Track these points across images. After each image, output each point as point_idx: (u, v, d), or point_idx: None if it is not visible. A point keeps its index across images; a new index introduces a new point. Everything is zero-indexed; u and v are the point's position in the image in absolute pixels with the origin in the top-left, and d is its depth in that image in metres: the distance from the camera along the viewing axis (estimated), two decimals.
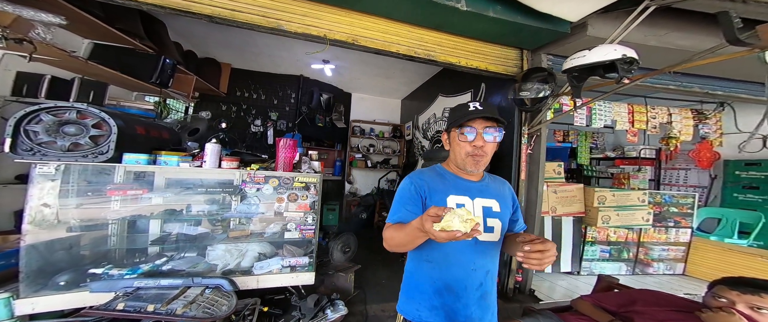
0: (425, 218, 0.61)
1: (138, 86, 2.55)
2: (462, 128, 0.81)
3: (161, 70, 2.41)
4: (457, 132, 0.82)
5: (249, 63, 3.87)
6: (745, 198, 3.18)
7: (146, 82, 2.36)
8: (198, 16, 1.58)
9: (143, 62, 2.32)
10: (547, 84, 1.85)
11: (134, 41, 2.23)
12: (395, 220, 0.82)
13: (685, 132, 2.76)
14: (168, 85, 2.58)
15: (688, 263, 2.96)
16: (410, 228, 0.70)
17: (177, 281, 1.37)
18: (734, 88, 2.30)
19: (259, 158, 2.24)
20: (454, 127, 0.83)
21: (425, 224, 0.61)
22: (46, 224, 1.37)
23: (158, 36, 2.50)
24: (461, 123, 0.80)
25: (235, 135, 3.77)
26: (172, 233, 1.74)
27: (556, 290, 2.49)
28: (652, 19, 1.50)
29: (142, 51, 2.34)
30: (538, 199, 2.23)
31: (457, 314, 0.81)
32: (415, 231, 0.68)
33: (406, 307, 0.87)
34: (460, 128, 0.81)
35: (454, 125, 0.83)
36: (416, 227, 0.66)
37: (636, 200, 2.81)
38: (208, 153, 1.69)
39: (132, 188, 1.64)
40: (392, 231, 0.79)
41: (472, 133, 0.80)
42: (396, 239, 0.77)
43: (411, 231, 0.70)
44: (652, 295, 1.18)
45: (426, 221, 0.60)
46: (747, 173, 3.17)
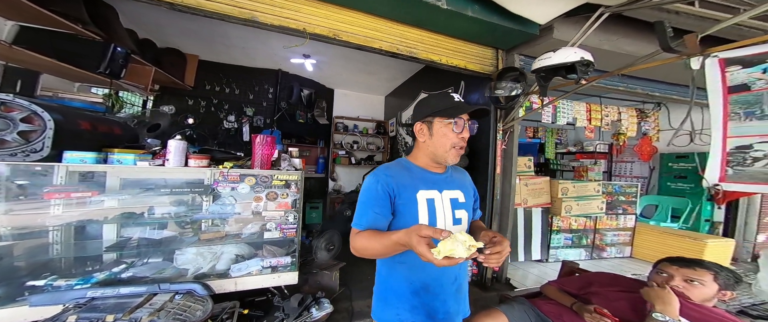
0: (418, 241, 0.57)
1: (82, 77, 2.25)
2: (452, 119, 0.77)
3: (111, 59, 2.14)
4: (444, 122, 0.78)
5: (220, 55, 3.62)
6: (676, 186, 3.72)
7: (92, 72, 2.09)
8: (157, 2, 1.44)
9: (88, 50, 2.05)
10: (519, 83, 1.99)
11: (75, 26, 1.94)
12: (365, 225, 0.76)
13: (631, 129, 3.15)
14: (120, 76, 2.31)
15: (633, 246, 3.35)
16: (390, 243, 0.65)
17: (140, 289, 1.22)
18: (668, 90, 2.69)
19: (233, 156, 2.10)
20: (440, 117, 0.79)
21: (419, 247, 0.57)
22: None
23: (106, 22, 2.21)
24: (453, 114, 0.77)
25: (206, 131, 3.50)
26: (132, 237, 1.55)
27: (528, 277, 2.68)
28: (606, 26, 1.70)
29: (86, 37, 2.06)
30: (511, 191, 2.39)
31: (436, 312, 0.80)
32: (396, 246, 0.64)
33: (383, 314, 0.83)
34: (450, 119, 0.78)
35: (443, 115, 0.78)
36: (400, 243, 0.63)
37: (592, 191, 3.14)
38: (171, 150, 1.54)
39: (77, 191, 1.43)
40: (364, 241, 0.73)
41: (461, 127, 0.78)
42: (369, 250, 0.72)
43: (391, 246, 0.66)
44: (605, 276, 1.32)
45: (419, 244, 0.57)
46: (678, 165, 3.71)
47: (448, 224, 0.81)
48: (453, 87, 2.91)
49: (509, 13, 1.76)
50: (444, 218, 0.81)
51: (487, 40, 2.18)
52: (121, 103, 2.79)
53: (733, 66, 1.15)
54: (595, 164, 3.80)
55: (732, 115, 1.16)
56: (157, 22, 2.76)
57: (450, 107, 0.78)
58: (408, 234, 0.60)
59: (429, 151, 0.83)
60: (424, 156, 0.85)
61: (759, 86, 1.10)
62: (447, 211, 0.81)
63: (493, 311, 1.25)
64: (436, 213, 0.80)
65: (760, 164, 1.09)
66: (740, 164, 1.14)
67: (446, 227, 0.80)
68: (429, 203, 0.80)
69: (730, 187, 1.16)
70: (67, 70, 2.01)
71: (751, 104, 1.12)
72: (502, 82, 2.02)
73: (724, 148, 1.18)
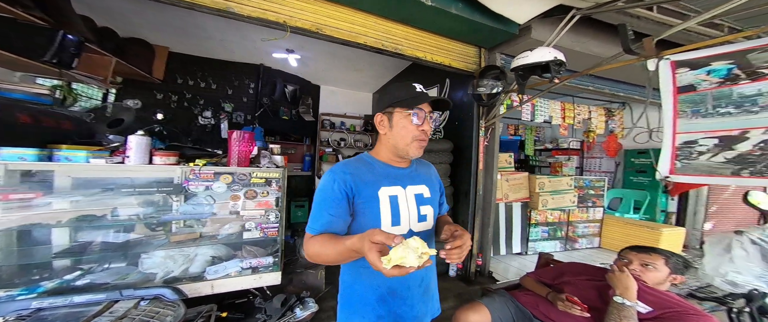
0: (369, 247, 0.53)
1: (24, 65, 2.00)
2: (411, 110, 0.73)
3: (60, 47, 1.93)
4: (404, 113, 0.74)
5: (194, 48, 3.39)
6: (638, 180, 4.06)
7: (36, 60, 1.87)
8: None
9: (31, 36, 1.84)
10: (500, 81, 2.06)
11: (14, 9, 1.73)
12: (319, 229, 0.70)
13: (600, 127, 3.39)
14: (71, 66, 2.08)
15: (602, 237, 3.60)
16: (344, 249, 0.61)
17: (98, 296, 1.09)
18: (630, 91, 2.93)
19: (207, 153, 1.97)
20: (401, 108, 0.74)
21: (369, 254, 0.53)
22: None
23: (55, 7, 1.98)
24: (413, 105, 0.73)
25: (178, 128, 3.26)
26: (92, 242, 1.39)
27: (509, 269, 2.78)
28: (578, 28, 1.81)
29: (28, 22, 1.83)
30: (493, 187, 2.46)
31: (403, 318, 0.76)
32: (350, 253, 0.60)
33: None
34: (409, 110, 0.73)
35: (402, 106, 0.74)
36: (353, 249, 0.58)
37: (565, 185, 3.33)
38: (132, 147, 1.42)
39: (16, 191, 1.26)
40: (317, 246, 0.67)
41: (422, 118, 0.74)
42: (323, 256, 0.67)
43: (345, 252, 0.61)
44: (576, 266, 1.40)
45: (370, 251, 0.53)
46: (638, 160, 4.05)
47: (413, 221, 0.77)
48: (439, 85, 2.95)
49: (491, 12, 1.82)
50: (408, 215, 0.76)
51: (471, 38, 2.23)
52: (74, 96, 2.51)
53: (682, 68, 1.26)
54: (569, 160, 4.05)
55: (681, 113, 1.28)
56: (120, 11, 2.54)
57: (410, 98, 0.73)
58: (361, 240, 0.56)
59: (390, 144, 0.78)
60: (385, 150, 0.80)
61: (703, 87, 1.22)
62: (412, 208, 0.77)
63: (476, 304, 1.28)
64: (400, 211, 0.75)
65: (703, 157, 1.21)
66: (687, 157, 1.25)
67: (411, 225, 0.77)
68: (392, 201, 0.75)
69: (678, 179, 1.27)
70: (5, 57, 1.77)
71: (696, 103, 1.23)
72: (484, 80, 2.08)
73: (674, 143, 1.29)
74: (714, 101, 1.19)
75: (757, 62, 1.09)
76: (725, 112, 1.17)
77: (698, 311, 1.00)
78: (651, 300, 1.01)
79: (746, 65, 1.12)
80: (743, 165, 1.11)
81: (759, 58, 1.09)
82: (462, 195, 2.56)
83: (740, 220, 3.54)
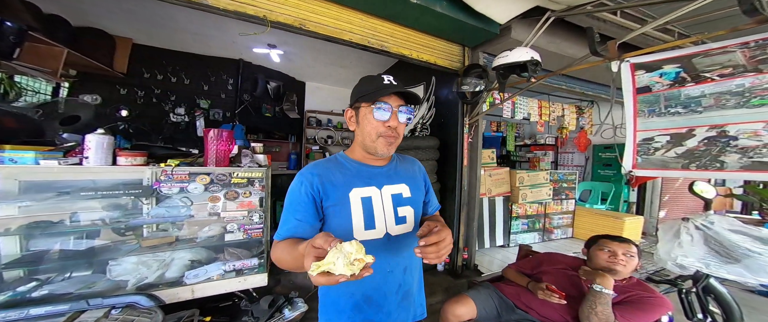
0: (308, 251, 0.49)
1: None
2: (375, 104, 0.68)
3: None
4: (369, 108, 0.69)
5: (163, 40, 3.15)
6: (604, 173, 4.40)
7: None
8: None
9: None
10: (483, 79, 2.13)
11: None
12: (284, 234, 0.65)
13: (572, 123, 3.63)
14: (12, 57, 1.86)
15: (574, 227, 3.86)
16: (297, 255, 0.55)
17: (60, 307, 0.98)
18: (598, 90, 3.17)
19: (179, 152, 1.84)
20: (366, 103, 0.69)
21: (306, 259, 0.48)
22: None
23: None
24: (375, 98, 0.68)
25: (147, 126, 3.01)
26: (48, 250, 1.25)
27: (493, 262, 2.89)
28: (553, 30, 1.92)
29: None
30: (477, 182, 2.55)
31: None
32: (302, 259, 0.52)
33: None
34: (373, 103, 0.68)
35: (366, 100, 0.69)
36: (303, 254, 0.52)
37: (542, 179, 3.53)
38: (91, 147, 1.30)
39: None
40: (279, 252, 0.63)
41: (387, 112, 0.68)
42: (284, 263, 0.62)
43: (299, 258, 0.54)
44: (552, 256, 1.48)
45: (307, 256, 0.48)
46: (605, 154, 4.39)
47: (390, 224, 0.72)
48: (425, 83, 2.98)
49: (474, 11, 1.87)
50: (384, 218, 0.71)
51: (455, 36, 2.29)
52: (17, 90, 2.24)
53: (640, 70, 1.38)
54: (545, 155, 4.28)
55: (640, 112, 1.39)
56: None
57: (374, 90, 0.68)
58: (307, 244, 0.52)
59: (359, 140, 0.74)
60: (359, 147, 0.75)
61: (657, 88, 1.33)
62: (388, 209, 0.72)
63: (462, 297, 1.33)
64: (374, 213, 0.70)
65: (659, 153, 1.32)
66: (646, 153, 1.36)
67: (388, 228, 0.72)
68: (364, 203, 0.70)
69: (639, 172, 1.38)
70: None
71: (652, 103, 1.35)
72: (468, 78, 2.14)
73: (635, 140, 1.40)
74: (666, 102, 1.31)
75: (700, 66, 1.21)
76: (675, 111, 1.28)
77: (653, 292, 1.11)
78: (616, 287, 1.12)
79: (691, 69, 1.23)
80: (691, 159, 1.23)
81: (702, 63, 1.21)
82: (448, 191, 2.62)
83: (690, 208, 3.96)
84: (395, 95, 0.70)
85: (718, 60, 1.17)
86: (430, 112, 2.88)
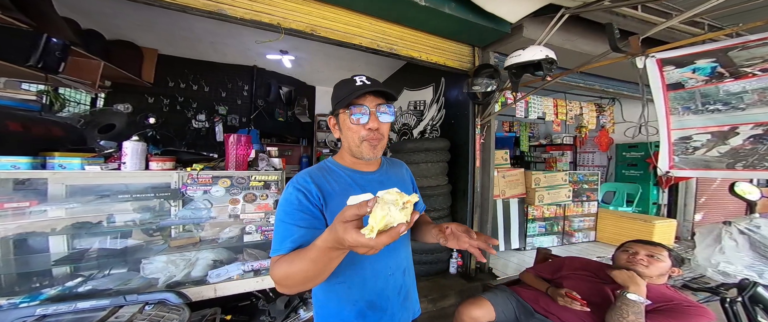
0: (344, 228, 0.43)
1: (8, 71, 1.97)
2: (351, 108, 0.65)
3: (44, 51, 1.90)
4: (346, 113, 0.66)
5: (184, 50, 3.35)
6: (629, 174, 4.15)
7: (21, 65, 1.84)
8: None
9: (13, 40, 1.81)
10: (494, 79, 2.09)
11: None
12: (290, 246, 0.58)
13: (591, 122, 3.47)
14: (58, 71, 2.05)
15: (597, 230, 3.68)
16: (317, 252, 0.49)
17: (102, 302, 1.09)
18: (620, 87, 3.00)
19: (204, 157, 1.96)
20: (343, 108, 0.67)
21: (347, 236, 0.42)
22: None
23: (37, 9, 1.94)
24: (350, 101, 0.65)
25: (172, 132, 3.22)
26: (89, 248, 1.38)
27: (509, 265, 2.83)
28: (567, 27, 1.85)
29: (10, 25, 1.79)
30: (490, 184, 2.50)
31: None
32: (326, 253, 0.48)
33: None
34: (348, 108, 0.65)
35: (342, 105, 0.66)
36: (328, 246, 0.47)
37: (560, 180, 3.40)
38: (127, 153, 1.41)
39: (11, 200, 1.25)
40: (286, 266, 0.54)
41: (365, 115, 0.65)
42: (294, 274, 0.53)
43: (320, 256, 0.49)
44: (573, 261, 1.43)
45: (347, 232, 0.42)
46: (629, 154, 4.14)
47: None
48: (434, 85, 2.97)
49: (484, 11, 1.85)
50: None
51: (464, 37, 2.26)
52: (62, 101, 2.47)
53: (669, 66, 1.30)
54: (563, 155, 4.11)
55: (672, 110, 1.31)
56: (102, 12, 2.47)
57: (348, 94, 0.65)
58: (331, 230, 0.46)
59: (345, 146, 0.72)
60: (347, 154, 0.73)
61: (691, 84, 1.25)
62: None
63: (479, 299, 1.31)
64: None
65: (699, 152, 1.24)
66: (684, 152, 1.28)
67: None
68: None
69: (678, 173, 1.30)
70: None
71: (686, 100, 1.26)
72: (479, 78, 2.11)
73: (669, 139, 1.32)
74: (702, 98, 1.22)
75: (738, 60, 1.12)
76: (714, 108, 1.19)
77: (692, 302, 1.02)
78: (649, 294, 1.04)
79: (729, 63, 1.14)
80: (736, 159, 1.14)
81: (740, 56, 1.11)
82: (460, 193, 2.60)
83: (729, 211, 3.64)
84: (371, 95, 0.67)
85: (759, 53, 1.08)
86: (440, 114, 2.86)
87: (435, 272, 2.53)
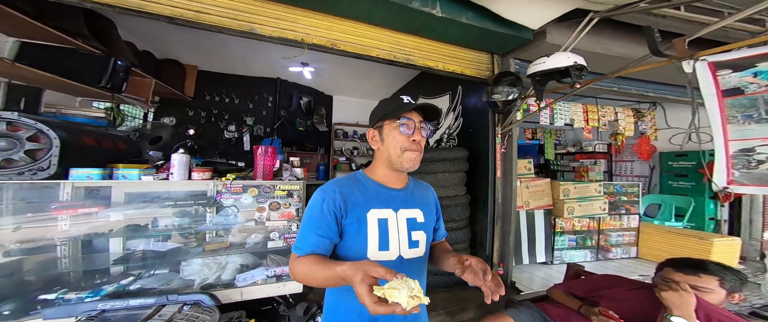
0: (362, 278, 0.50)
1: (83, 91, 2.30)
2: (399, 120, 0.72)
3: (112, 72, 2.18)
4: (393, 125, 0.73)
5: (218, 65, 3.69)
6: (678, 185, 3.71)
7: (94, 86, 2.12)
8: (155, 16, 1.46)
9: (88, 64, 2.08)
10: (515, 87, 2.02)
11: (75, 41, 1.97)
12: (307, 249, 0.68)
13: (628, 128, 3.17)
14: (121, 90, 2.35)
15: (639, 246, 3.32)
16: (333, 275, 0.58)
17: (149, 300, 1.24)
18: (663, 91, 2.72)
19: (235, 167, 2.13)
20: (389, 120, 0.74)
21: (360, 286, 0.49)
22: None
23: (106, 35, 2.25)
24: (398, 115, 0.72)
25: (207, 142, 3.54)
26: (137, 250, 1.57)
27: (534, 280, 2.67)
28: (598, 30, 1.74)
29: (86, 51, 2.09)
30: (512, 194, 2.40)
31: None
32: (340, 281, 0.56)
33: None
34: (397, 120, 0.73)
35: (389, 117, 0.73)
36: (343, 277, 0.55)
37: (594, 191, 3.14)
38: (175, 164, 1.58)
39: (83, 206, 1.46)
40: (305, 268, 0.65)
41: (411, 127, 0.73)
42: (310, 279, 0.65)
43: (334, 278, 0.58)
44: (612, 279, 1.32)
45: (362, 283, 0.49)
46: (677, 163, 3.70)
47: (404, 247, 0.74)
48: (451, 93, 2.94)
49: (502, 19, 1.81)
50: (398, 240, 0.74)
51: (482, 45, 2.22)
52: (122, 117, 2.84)
53: (724, 70, 1.16)
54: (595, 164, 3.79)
55: (730, 118, 1.17)
56: (153, 34, 2.80)
57: (396, 108, 0.73)
58: (354, 268, 0.53)
59: (383, 157, 0.77)
60: (381, 167, 0.78)
61: (752, 90, 1.10)
62: (402, 232, 0.74)
63: (501, 315, 1.26)
64: (389, 235, 0.73)
65: (765, 166, 1.09)
66: (746, 166, 1.13)
67: (401, 251, 0.74)
68: (381, 224, 0.72)
69: (739, 189, 1.15)
70: (68, 85, 2.04)
71: (747, 108, 1.12)
72: (499, 86, 2.06)
73: (727, 151, 1.17)
74: (766, 106, 1.08)
75: None
76: None
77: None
78: (702, 316, 0.92)
79: None
80: None
81: None
82: (480, 203, 2.52)
83: None
84: (415, 112, 0.74)
85: None
86: (456, 123, 2.81)
87: (454, 284, 2.47)
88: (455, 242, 2.39)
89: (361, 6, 1.73)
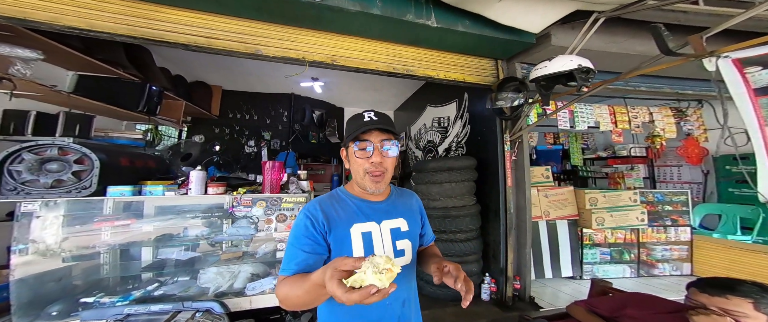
0: (331, 275, 0.48)
1: (126, 116, 2.62)
2: (358, 142, 0.72)
3: (148, 97, 2.45)
4: (353, 147, 0.72)
5: (239, 84, 3.99)
6: (741, 193, 3.14)
7: (133, 111, 2.41)
8: (173, 45, 1.65)
9: (128, 91, 2.36)
10: (520, 93, 1.92)
11: (117, 70, 2.25)
12: (294, 269, 0.65)
13: (668, 130, 2.79)
14: (156, 113, 2.64)
15: (693, 262, 2.88)
16: (310, 285, 0.55)
17: (167, 306, 1.38)
18: (704, 88, 2.36)
19: (247, 181, 2.29)
20: (350, 142, 0.73)
21: (329, 283, 0.47)
22: (34, 259, 1.42)
23: (143, 63, 2.53)
24: (356, 136, 0.71)
25: (230, 157, 3.84)
26: (164, 258, 1.77)
27: (559, 296, 2.45)
28: (610, 28, 1.59)
29: (127, 80, 2.38)
30: (526, 204, 2.25)
31: None
32: (317, 288, 0.53)
33: None
34: (356, 142, 0.72)
35: (350, 139, 0.72)
36: (318, 283, 0.52)
37: (628, 200, 2.80)
38: (192, 180, 1.75)
39: (119, 219, 1.68)
40: (286, 288, 0.62)
41: (370, 148, 0.71)
42: (293, 298, 0.61)
43: (312, 289, 0.54)
44: (643, 298, 1.18)
45: (330, 279, 0.47)
46: (737, 167, 3.16)
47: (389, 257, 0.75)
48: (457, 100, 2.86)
49: (501, 24, 1.74)
50: (383, 251, 0.74)
51: (484, 51, 2.15)
52: (160, 137, 3.22)
53: (753, 67, 1.01)
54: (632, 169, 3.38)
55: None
56: (182, 57, 3.11)
57: (354, 129, 0.72)
58: (323, 269, 0.52)
59: (354, 178, 0.78)
60: (355, 184, 0.79)
61: None
62: (387, 243, 0.75)
63: None
64: (374, 247, 0.74)
65: None
66: None
67: None
68: (365, 238, 0.73)
69: None
70: (115, 111, 2.37)
71: None
72: (502, 93, 1.97)
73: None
74: None
75: None
76: None
77: None
78: None
79: None
80: None
81: None
82: (491, 213, 2.40)
83: None
84: (377, 131, 0.72)
85: None
86: (464, 130, 2.73)
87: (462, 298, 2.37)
88: (465, 253, 2.30)
89: (357, 22, 1.79)
